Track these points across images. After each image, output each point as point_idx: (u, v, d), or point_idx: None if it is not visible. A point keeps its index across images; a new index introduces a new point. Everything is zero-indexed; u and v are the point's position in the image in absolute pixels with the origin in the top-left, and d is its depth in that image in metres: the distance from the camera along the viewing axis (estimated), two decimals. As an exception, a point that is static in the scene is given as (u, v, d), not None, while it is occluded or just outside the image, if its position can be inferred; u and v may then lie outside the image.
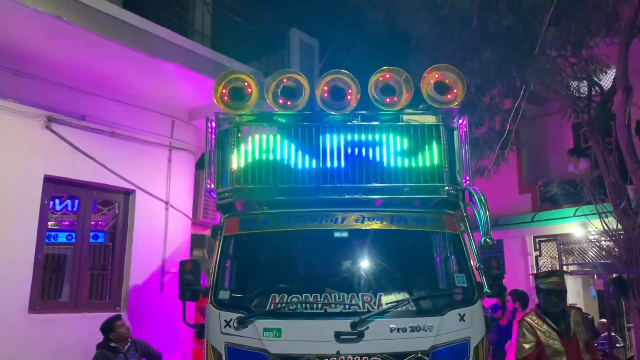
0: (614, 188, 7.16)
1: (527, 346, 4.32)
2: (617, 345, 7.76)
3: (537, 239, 10.52)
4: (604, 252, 7.96)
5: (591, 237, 9.07)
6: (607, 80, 8.06)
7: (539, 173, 10.81)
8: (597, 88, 7.84)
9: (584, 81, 7.58)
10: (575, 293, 9.73)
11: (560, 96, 7.53)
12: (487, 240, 4.15)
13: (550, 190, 10.06)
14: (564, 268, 10.00)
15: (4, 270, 5.32)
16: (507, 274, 10.30)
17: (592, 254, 9.54)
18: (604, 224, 7.15)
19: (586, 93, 7.76)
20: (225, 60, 6.26)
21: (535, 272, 10.00)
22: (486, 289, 4.08)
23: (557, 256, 10.21)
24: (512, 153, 9.06)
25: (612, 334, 7.50)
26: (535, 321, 4.41)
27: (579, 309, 5.07)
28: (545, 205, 10.29)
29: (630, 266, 6.71)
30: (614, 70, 7.27)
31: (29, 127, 5.61)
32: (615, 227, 7.17)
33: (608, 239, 7.13)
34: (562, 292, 4.52)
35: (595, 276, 9.05)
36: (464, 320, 3.95)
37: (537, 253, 10.52)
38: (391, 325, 3.82)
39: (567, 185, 9.81)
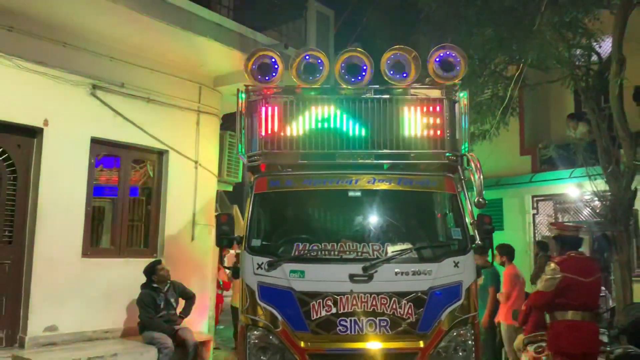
0: (604, 153, 7.77)
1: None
2: (601, 294, 8.52)
3: (535, 198, 11.16)
4: (594, 212, 8.63)
5: (586, 198, 9.73)
6: (606, 47, 8.45)
7: (540, 136, 11.35)
8: (596, 56, 8.31)
9: (584, 50, 8.05)
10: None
11: (559, 65, 8.00)
12: (480, 200, 4.80)
13: (548, 153, 10.62)
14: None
15: (61, 221, 6.12)
16: (506, 230, 11.12)
17: (586, 213, 10.23)
18: (593, 186, 7.80)
19: (585, 61, 8.24)
20: (248, 33, 6.82)
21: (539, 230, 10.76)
22: (478, 241, 4.81)
23: (553, 214, 10.91)
24: (515, 116, 9.59)
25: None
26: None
27: None
28: (544, 167, 10.88)
29: (614, 224, 7.40)
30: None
31: (77, 94, 6.29)
32: (604, 188, 7.83)
33: (596, 199, 7.79)
34: None
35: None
36: (457, 267, 4.56)
37: (535, 211, 11.20)
38: (396, 270, 4.46)
39: (564, 148, 10.37)
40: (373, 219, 5.00)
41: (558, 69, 8.39)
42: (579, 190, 9.81)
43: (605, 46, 8.40)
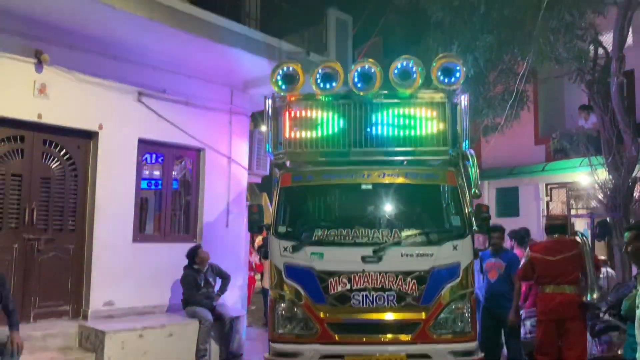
0: (607, 144, 8.27)
1: None
2: (600, 276, 9.02)
3: (548, 186, 11.68)
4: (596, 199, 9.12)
5: (596, 186, 10.19)
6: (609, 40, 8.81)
7: (554, 126, 11.81)
8: (602, 50, 8.72)
9: (587, 46, 8.49)
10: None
11: (566, 61, 8.48)
12: (476, 191, 5.42)
13: (562, 142, 11.09)
14: (572, 212, 11.24)
15: (115, 211, 7.05)
16: (520, 216, 11.66)
17: (597, 200, 10.68)
18: (595, 175, 8.33)
19: (591, 56, 8.66)
20: (274, 42, 7.55)
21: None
22: (475, 227, 5.49)
23: (566, 201, 11.42)
24: (530, 107, 10.05)
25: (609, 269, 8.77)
26: None
27: None
28: (558, 156, 11.36)
29: (614, 211, 7.94)
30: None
31: (126, 101, 7.18)
32: (606, 177, 8.34)
33: (597, 188, 8.33)
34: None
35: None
36: (456, 250, 5.16)
37: (548, 198, 11.73)
38: (402, 252, 5.08)
39: (576, 138, 10.82)
40: (383, 208, 5.62)
41: (567, 63, 8.86)
42: (591, 177, 10.28)
43: (609, 40, 8.76)
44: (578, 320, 5.42)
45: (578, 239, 5.78)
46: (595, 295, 5.38)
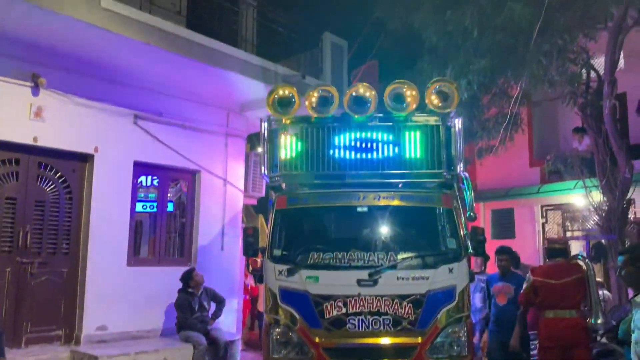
0: (601, 166, 8.32)
1: None
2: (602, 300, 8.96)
3: (544, 208, 11.68)
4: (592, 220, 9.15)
5: (591, 207, 10.22)
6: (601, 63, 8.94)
7: (548, 148, 11.87)
8: (594, 73, 8.83)
9: (579, 70, 8.60)
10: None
11: (558, 84, 8.58)
12: (471, 214, 5.44)
13: (556, 165, 11.13)
14: (568, 233, 11.24)
15: (109, 234, 7.02)
16: (516, 238, 11.65)
17: (592, 222, 10.70)
18: (590, 197, 8.35)
19: (584, 80, 8.76)
20: (270, 66, 7.64)
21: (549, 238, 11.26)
22: (470, 250, 5.47)
23: (561, 223, 11.42)
24: (524, 129, 10.13)
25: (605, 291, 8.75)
26: None
27: None
28: (552, 178, 11.38)
29: (609, 233, 7.94)
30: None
31: (122, 124, 7.21)
32: (601, 199, 8.36)
33: (592, 210, 8.35)
34: None
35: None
36: (452, 273, 5.14)
37: (544, 220, 11.73)
38: (398, 275, 5.06)
39: (570, 160, 10.87)
40: (378, 231, 5.63)
41: (560, 86, 8.96)
42: (585, 199, 10.32)
43: (601, 63, 8.88)
44: (584, 347, 5.30)
45: (580, 262, 5.75)
46: (599, 321, 5.29)
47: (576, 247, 10.78)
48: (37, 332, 6.52)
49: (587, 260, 5.74)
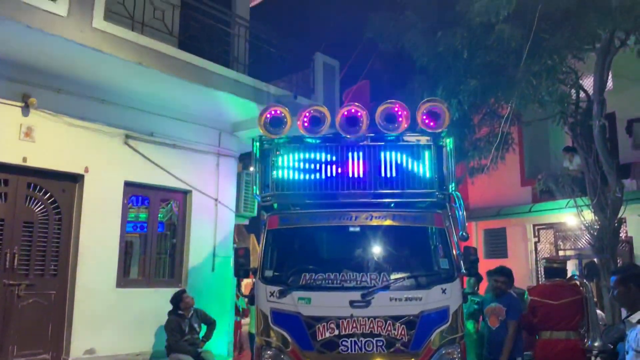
0: (591, 185, 8.35)
1: None
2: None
3: (536, 227, 11.71)
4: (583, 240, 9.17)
5: (583, 227, 10.25)
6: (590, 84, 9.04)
7: (539, 168, 11.94)
8: (583, 93, 8.93)
9: (569, 90, 8.69)
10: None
11: (548, 104, 8.65)
12: (463, 233, 5.43)
13: (547, 184, 11.18)
14: (560, 252, 11.25)
15: (99, 256, 6.94)
16: (509, 257, 11.66)
17: (584, 241, 10.73)
18: (581, 216, 8.37)
19: (573, 100, 8.86)
20: (262, 86, 7.67)
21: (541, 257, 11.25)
22: (463, 270, 5.44)
23: (554, 242, 11.44)
24: (515, 149, 10.18)
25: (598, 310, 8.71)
26: None
27: None
28: (544, 197, 11.42)
29: (601, 252, 7.94)
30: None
31: (113, 144, 7.18)
32: (592, 219, 8.37)
33: (584, 229, 8.36)
34: None
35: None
36: (445, 293, 5.09)
37: (536, 239, 11.75)
38: (391, 296, 4.98)
39: (561, 180, 10.93)
40: (371, 251, 5.57)
41: (550, 106, 9.04)
42: (577, 218, 10.34)
43: (590, 83, 8.98)
44: None
45: (577, 282, 5.71)
46: (597, 344, 5.22)
47: (569, 267, 10.78)
48: (23, 355, 6.40)
49: (585, 280, 5.71)
